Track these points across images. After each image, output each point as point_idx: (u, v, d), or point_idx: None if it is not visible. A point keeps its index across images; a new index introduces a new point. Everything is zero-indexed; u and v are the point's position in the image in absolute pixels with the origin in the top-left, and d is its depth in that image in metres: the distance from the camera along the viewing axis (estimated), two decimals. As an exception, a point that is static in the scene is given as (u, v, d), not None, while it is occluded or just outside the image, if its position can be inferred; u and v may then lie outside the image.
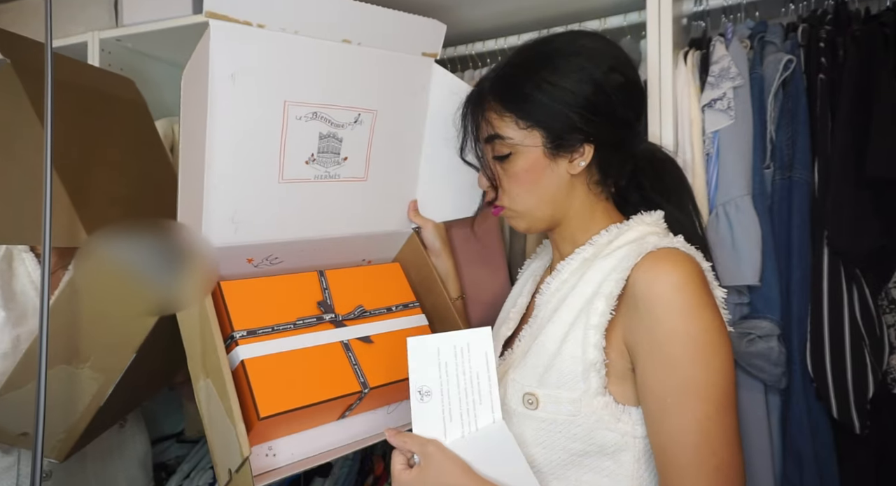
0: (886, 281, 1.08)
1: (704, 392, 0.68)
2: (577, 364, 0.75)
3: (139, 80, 1.71)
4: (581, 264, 0.83)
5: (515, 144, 0.83)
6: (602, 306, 0.75)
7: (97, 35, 1.61)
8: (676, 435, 0.68)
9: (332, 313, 0.98)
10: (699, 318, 0.69)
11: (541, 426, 0.77)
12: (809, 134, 1.09)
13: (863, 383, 1.01)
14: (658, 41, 1.14)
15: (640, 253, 0.74)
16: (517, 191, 0.86)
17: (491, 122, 0.85)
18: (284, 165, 0.93)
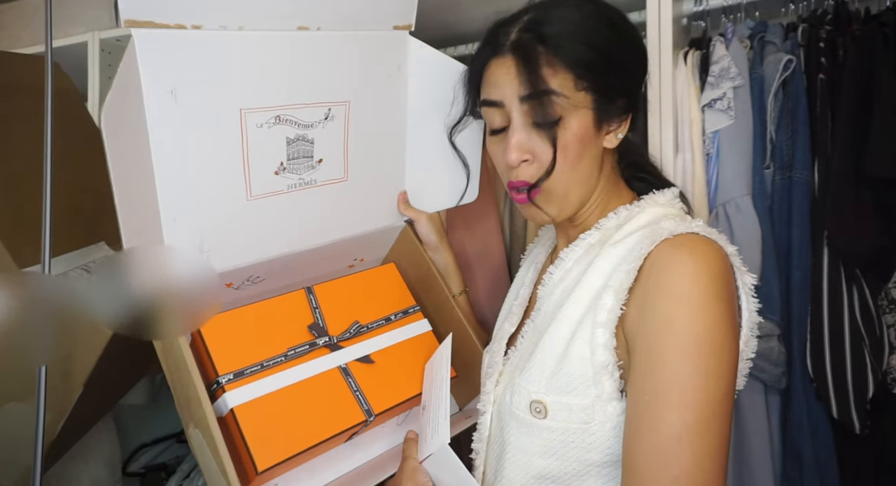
0: (886, 281, 1.08)
1: (689, 396, 0.57)
2: (587, 367, 0.66)
3: (139, 80, 1.71)
4: (586, 251, 0.74)
5: (569, 108, 0.69)
6: (611, 302, 0.65)
7: (97, 35, 1.61)
8: (645, 438, 0.59)
9: (325, 336, 0.88)
10: (705, 313, 0.59)
11: (551, 436, 0.68)
12: (809, 134, 1.09)
13: (863, 383, 1.01)
14: (658, 41, 1.14)
15: (654, 240, 0.65)
16: (560, 167, 0.70)
17: (543, 76, 0.68)
18: (251, 180, 0.82)
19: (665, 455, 0.57)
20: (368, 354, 0.90)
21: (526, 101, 0.70)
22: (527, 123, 0.71)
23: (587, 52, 0.69)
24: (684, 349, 0.59)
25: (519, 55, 0.70)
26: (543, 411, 0.68)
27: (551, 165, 0.70)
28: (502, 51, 0.72)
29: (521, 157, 0.71)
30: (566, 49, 0.68)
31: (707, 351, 0.59)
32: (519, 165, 0.72)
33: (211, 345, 0.79)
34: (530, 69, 0.68)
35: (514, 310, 0.86)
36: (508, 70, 0.71)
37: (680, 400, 0.57)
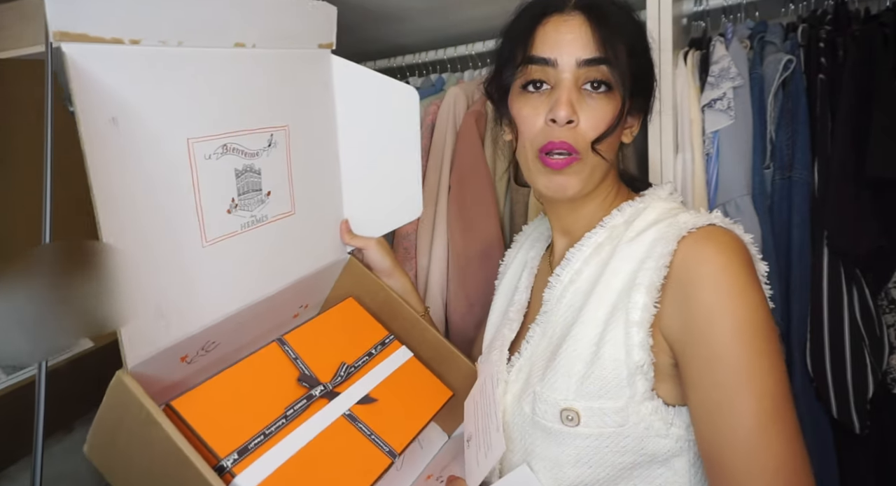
0: (886, 281, 1.08)
1: (758, 383, 0.57)
2: (621, 368, 0.64)
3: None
4: (594, 250, 0.73)
5: (620, 81, 0.68)
6: (644, 300, 0.64)
7: (97, 35, 1.61)
8: (728, 436, 0.58)
9: (319, 385, 0.80)
10: (747, 299, 0.59)
11: (584, 443, 0.66)
12: (809, 134, 1.09)
13: (863, 383, 1.01)
14: (658, 41, 1.14)
15: (677, 235, 0.64)
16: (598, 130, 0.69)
17: (612, 41, 0.67)
18: (205, 222, 0.71)
19: (758, 449, 0.56)
20: (367, 393, 0.84)
21: (586, 64, 0.67)
22: (578, 86, 0.69)
23: (638, 34, 0.70)
24: (742, 338, 0.58)
25: (590, 14, 0.67)
26: (576, 418, 0.66)
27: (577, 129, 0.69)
28: (566, 7, 0.69)
29: (569, 115, 0.67)
30: (626, 27, 0.69)
31: (761, 335, 0.58)
32: (564, 125, 0.68)
33: (200, 428, 0.67)
34: (603, 33, 0.66)
35: (512, 316, 0.83)
36: (573, 28, 0.68)
37: (753, 389, 0.57)
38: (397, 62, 1.56)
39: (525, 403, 0.71)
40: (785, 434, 0.56)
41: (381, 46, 1.59)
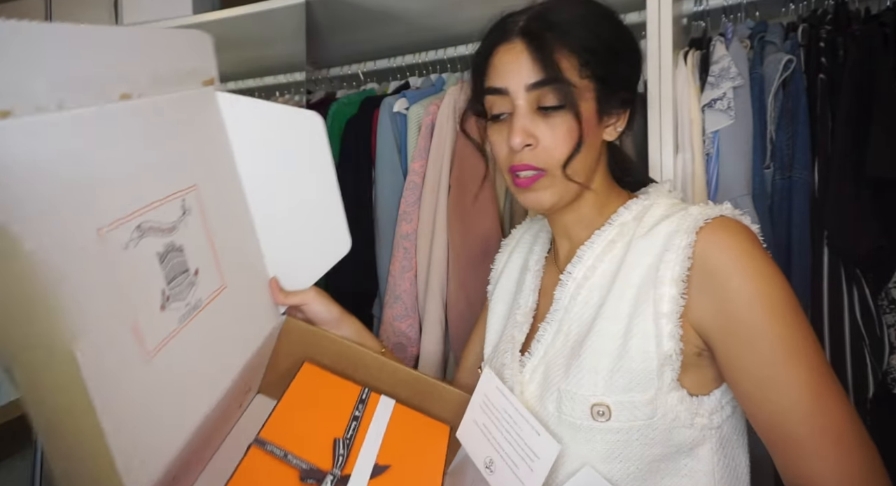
0: (886, 281, 1.08)
1: (804, 355, 0.61)
2: (651, 361, 0.66)
3: (139, 80, 1.71)
4: (606, 247, 0.75)
5: (573, 95, 0.69)
6: (672, 292, 0.66)
7: (97, 35, 1.61)
8: (788, 408, 0.61)
9: (326, 476, 0.72)
10: (772, 279, 0.63)
11: (615, 438, 0.67)
12: (809, 134, 1.09)
13: (863, 383, 1.01)
14: (658, 41, 1.14)
15: (694, 226, 0.67)
16: (562, 151, 0.70)
17: (552, 62, 0.69)
18: (142, 329, 0.55)
19: (821, 416, 0.60)
20: (375, 463, 0.76)
21: (533, 88, 0.70)
22: (531, 109, 0.71)
23: (592, 39, 0.70)
24: (779, 316, 0.62)
25: (528, 40, 0.70)
26: (607, 413, 0.67)
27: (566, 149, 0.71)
28: (510, 36, 0.72)
29: (524, 141, 0.71)
30: (572, 35, 0.70)
31: (795, 312, 0.62)
32: (522, 150, 0.71)
33: None
34: (541, 55, 0.69)
35: (520, 318, 0.83)
36: (516, 56, 0.71)
37: (801, 361, 0.61)
38: (397, 62, 1.56)
39: (549, 401, 0.71)
40: (839, 398, 0.60)
41: (381, 46, 1.59)
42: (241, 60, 1.79)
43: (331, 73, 1.67)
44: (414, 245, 1.36)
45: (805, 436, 0.60)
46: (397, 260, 1.34)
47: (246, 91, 1.83)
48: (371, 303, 1.39)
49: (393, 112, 1.41)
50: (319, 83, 1.73)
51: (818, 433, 0.60)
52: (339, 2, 1.40)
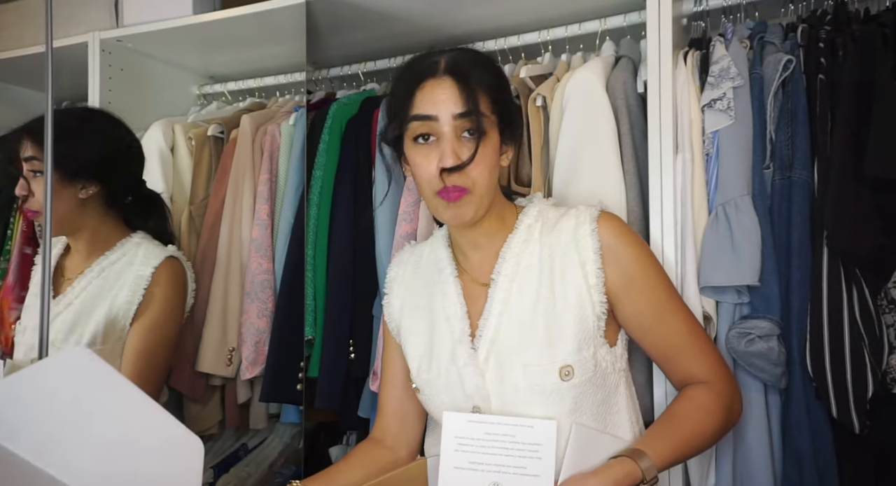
0: (886, 281, 1.08)
1: (676, 294, 0.95)
2: (590, 323, 0.88)
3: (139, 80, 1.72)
4: (521, 247, 0.93)
5: (487, 125, 0.87)
6: (593, 267, 0.89)
7: (97, 35, 1.61)
8: (673, 329, 0.92)
9: None
10: (649, 249, 0.96)
11: (576, 391, 0.87)
12: (809, 134, 1.09)
13: (862, 383, 1.01)
14: (658, 41, 1.14)
15: (592, 218, 0.91)
16: (482, 171, 0.87)
17: (474, 97, 0.86)
18: None
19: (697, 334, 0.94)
20: None
21: (459, 117, 0.86)
22: (458, 135, 0.86)
23: (496, 83, 0.91)
24: (663, 276, 0.95)
25: (456, 77, 0.86)
26: (571, 372, 0.86)
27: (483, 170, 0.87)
28: (438, 73, 0.88)
29: (456, 162, 0.84)
30: (485, 79, 0.88)
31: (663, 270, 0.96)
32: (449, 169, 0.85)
33: None
34: (467, 90, 0.85)
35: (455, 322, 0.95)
36: (446, 89, 0.86)
37: (676, 297, 0.96)
38: (397, 62, 1.56)
39: (517, 378, 0.87)
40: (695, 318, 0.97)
41: (382, 46, 1.59)
42: (241, 60, 1.79)
43: (331, 73, 1.67)
44: (414, 245, 1.36)
45: (687, 344, 0.92)
46: (397, 260, 1.34)
47: (246, 91, 1.84)
48: (371, 303, 1.39)
49: (393, 112, 1.41)
50: (319, 83, 1.73)
51: (693, 340, 0.92)
52: (339, 2, 1.40)
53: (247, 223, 1.52)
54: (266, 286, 1.47)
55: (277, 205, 1.53)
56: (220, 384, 1.54)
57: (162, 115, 1.71)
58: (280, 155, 1.54)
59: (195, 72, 1.89)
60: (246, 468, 1.57)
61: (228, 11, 1.50)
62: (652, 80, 1.14)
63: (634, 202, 1.17)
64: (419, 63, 0.92)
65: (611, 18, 1.32)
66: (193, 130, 1.66)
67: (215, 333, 1.46)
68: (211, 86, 1.90)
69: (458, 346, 0.92)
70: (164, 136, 1.64)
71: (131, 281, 1.22)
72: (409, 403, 1.03)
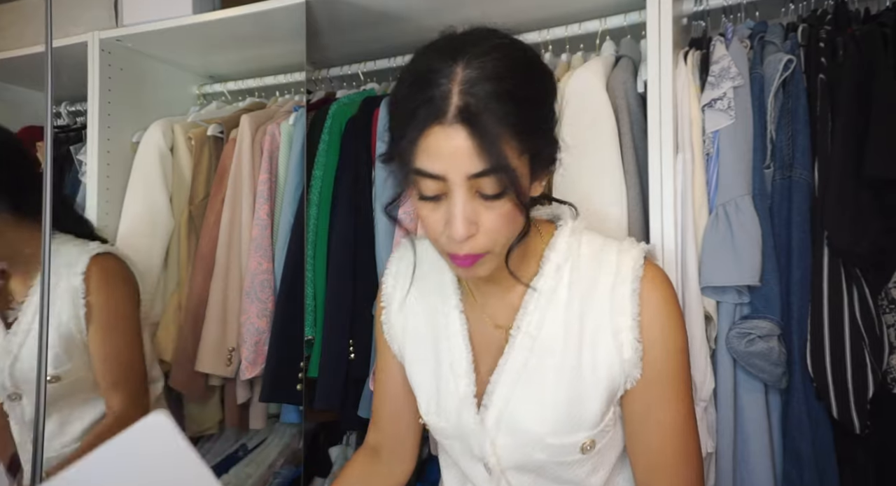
0: (886, 281, 1.08)
1: (688, 395, 0.78)
2: (616, 395, 0.77)
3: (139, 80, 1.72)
4: (549, 297, 0.77)
5: (517, 180, 0.65)
6: (631, 338, 0.75)
7: (97, 35, 1.61)
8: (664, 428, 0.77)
9: None
10: (684, 333, 0.77)
11: (595, 459, 0.79)
12: (809, 134, 1.09)
13: (863, 383, 1.01)
14: (658, 41, 1.14)
15: (635, 276, 0.75)
16: (501, 231, 0.69)
17: (496, 149, 0.63)
18: None
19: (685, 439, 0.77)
20: None
21: (475, 177, 0.64)
22: (472, 197, 0.66)
23: (528, 114, 0.66)
24: (685, 366, 0.78)
25: (470, 127, 0.63)
26: (593, 445, 0.77)
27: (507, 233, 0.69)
28: (446, 119, 0.63)
29: (466, 233, 0.66)
30: (511, 115, 0.64)
31: (688, 360, 0.79)
32: (464, 238, 0.67)
33: None
34: (486, 145, 0.63)
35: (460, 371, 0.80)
36: (458, 144, 0.63)
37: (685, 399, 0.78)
38: (397, 62, 1.56)
39: (535, 451, 0.77)
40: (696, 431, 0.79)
41: (382, 46, 1.59)
42: (241, 60, 1.79)
43: (331, 73, 1.67)
44: (414, 245, 1.36)
45: (669, 451, 0.77)
46: (397, 260, 1.34)
47: (246, 91, 1.84)
48: (371, 303, 1.39)
49: (393, 112, 1.41)
50: (319, 83, 1.73)
51: (679, 451, 0.77)
52: (339, 2, 1.40)
53: (247, 223, 1.52)
54: (266, 286, 1.47)
55: (277, 205, 1.53)
56: (220, 384, 1.54)
57: (162, 115, 1.71)
58: (280, 155, 1.54)
59: (195, 72, 1.89)
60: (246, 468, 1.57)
61: (228, 11, 1.50)
62: (652, 79, 1.14)
63: (634, 202, 1.17)
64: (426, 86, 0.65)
65: (611, 18, 1.32)
66: (193, 129, 1.66)
67: (215, 333, 1.46)
68: (211, 86, 1.90)
69: (463, 407, 0.79)
70: (164, 136, 1.64)
71: (68, 295, 1.16)
72: (406, 416, 0.93)
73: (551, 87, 0.73)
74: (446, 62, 0.66)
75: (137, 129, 1.68)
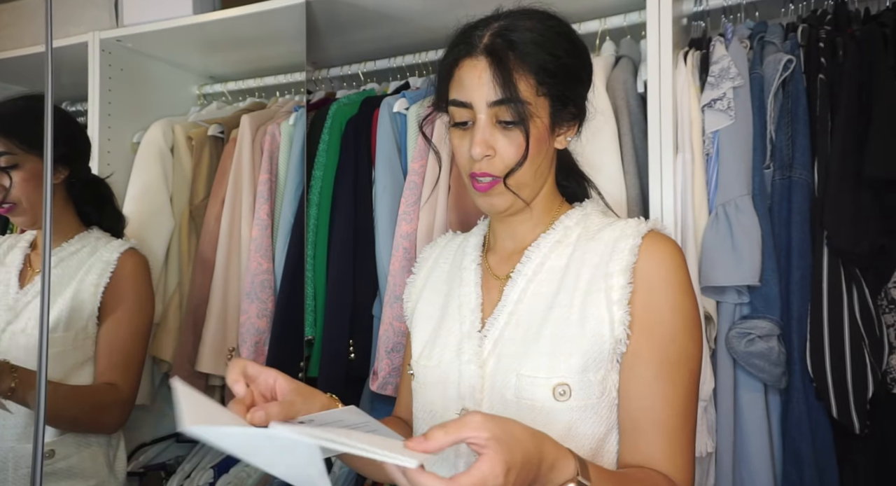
0: (886, 281, 1.08)
1: (693, 366, 0.76)
2: (605, 343, 0.75)
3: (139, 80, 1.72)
4: (552, 247, 0.83)
5: (526, 114, 0.76)
6: (621, 281, 0.76)
7: (97, 35, 1.61)
8: (664, 404, 0.73)
9: None
10: (693, 296, 0.77)
11: (572, 416, 0.74)
12: (809, 134, 1.09)
13: (862, 383, 1.01)
14: (658, 41, 1.14)
15: (639, 233, 0.78)
16: (513, 157, 0.78)
17: (512, 83, 0.75)
18: None
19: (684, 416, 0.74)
20: None
21: (493, 105, 0.77)
22: (491, 123, 0.78)
23: (549, 61, 0.77)
24: (689, 329, 0.76)
25: (491, 59, 0.76)
26: (568, 392, 0.74)
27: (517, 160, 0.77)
28: (475, 52, 0.78)
29: (484, 152, 0.77)
30: (532, 56, 0.76)
31: (698, 327, 0.77)
32: (482, 159, 0.78)
33: None
34: (503, 77, 0.75)
35: (466, 312, 0.86)
36: (480, 73, 0.77)
37: (689, 370, 0.75)
38: (397, 62, 1.56)
39: (507, 388, 0.77)
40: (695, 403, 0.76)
41: (382, 46, 1.59)
42: (241, 60, 1.79)
43: (331, 73, 1.67)
44: (414, 245, 1.36)
45: (667, 425, 0.73)
46: (397, 260, 1.34)
47: (246, 91, 1.84)
48: (371, 303, 1.39)
49: (393, 112, 1.41)
50: (319, 83, 1.73)
51: (678, 424, 0.73)
52: (339, 2, 1.40)
53: (247, 223, 1.52)
54: (266, 286, 1.47)
55: (277, 205, 1.53)
56: (220, 384, 1.54)
57: (162, 115, 1.71)
58: (280, 155, 1.54)
59: (195, 72, 1.89)
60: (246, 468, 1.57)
61: (228, 11, 1.50)
62: (652, 80, 1.14)
63: (634, 202, 1.17)
64: (463, 37, 0.80)
65: (611, 18, 1.32)
66: (193, 130, 1.66)
67: (215, 333, 1.47)
68: (211, 86, 1.90)
69: (466, 340, 0.83)
70: (164, 136, 1.64)
71: (98, 266, 1.24)
72: None
73: (580, 50, 0.82)
74: (487, 20, 0.81)
75: (138, 129, 1.68)
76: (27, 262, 1.29)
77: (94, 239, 1.29)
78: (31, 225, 1.26)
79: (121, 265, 1.24)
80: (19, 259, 1.28)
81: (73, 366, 1.21)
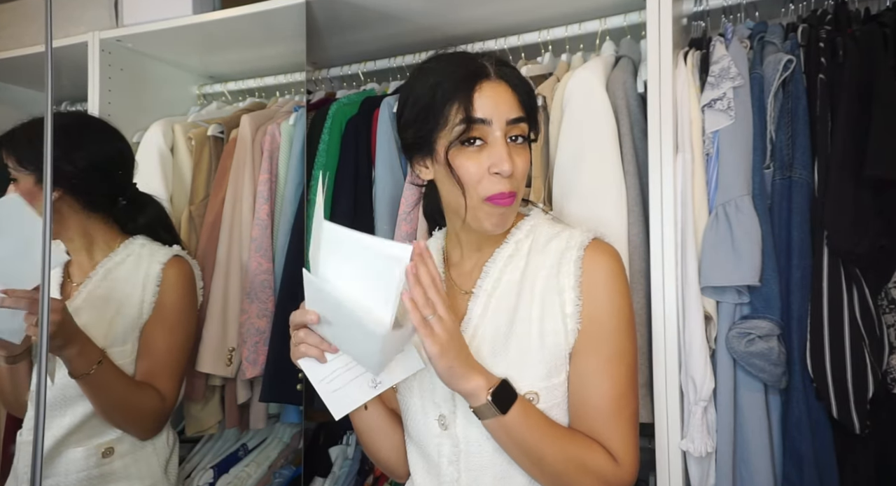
0: (886, 281, 1.08)
1: (629, 360, 0.85)
2: (562, 350, 0.84)
3: (139, 80, 1.72)
4: (506, 262, 0.90)
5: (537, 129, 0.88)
6: (572, 296, 0.85)
7: (97, 35, 1.61)
8: (601, 395, 0.83)
9: None
10: (628, 298, 0.87)
11: None
12: (809, 134, 1.09)
13: (862, 383, 1.01)
14: (658, 41, 1.14)
15: (581, 245, 0.86)
16: (526, 174, 0.87)
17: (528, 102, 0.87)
18: None
19: (623, 400, 0.84)
20: None
21: (511, 123, 0.84)
22: (506, 141, 0.84)
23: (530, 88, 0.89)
24: (625, 328, 0.85)
25: (510, 83, 0.85)
26: (536, 398, 0.83)
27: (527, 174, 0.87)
28: (492, 76, 0.85)
29: (511, 169, 0.82)
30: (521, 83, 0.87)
31: (634, 327, 0.87)
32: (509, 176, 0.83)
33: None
34: (521, 95, 0.86)
35: None
36: (501, 93, 0.84)
37: (626, 364, 0.85)
38: (397, 62, 1.56)
39: None
40: (634, 392, 0.86)
41: (381, 46, 1.59)
42: (241, 60, 1.79)
43: (331, 73, 1.67)
44: (414, 245, 1.36)
45: (606, 412, 0.83)
46: (397, 260, 1.33)
47: (246, 91, 1.84)
48: (371, 303, 1.39)
49: (393, 112, 1.41)
50: (319, 83, 1.73)
51: (615, 411, 0.83)
52: (339, 2, 1.40)
53: (247, 223, 1.52)
54: (266, 286, 1.47)
55: (277, 205, 1.53)
56: (220, 384, 1.54)
57: (162, 115, 1.71)
58: (280, 155, 1.54)
59: (195, 72, 1.89)
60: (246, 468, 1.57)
61: (228, 11, 1.50)
62: (652, 80, 1.14)
63: (634, 202, 1.17)
64: (473, 64, 0.86)
65: (611, 18, 1.32)
66: (193, 130, 1.66)
67: (215, 333, 1.46)
68: (211, 86, 1.90)
69: None
70: (164, 136, 1.64)
71: (142, 280, 1.23)
72: None
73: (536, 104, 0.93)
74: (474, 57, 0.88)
75: (138, 129, 1.69)
76: (66, 274, 1.27)
77: (138, 246, 1.28)
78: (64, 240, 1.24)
79: (165, 277, 1.24)
80: (58, 272, 1.27)
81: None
